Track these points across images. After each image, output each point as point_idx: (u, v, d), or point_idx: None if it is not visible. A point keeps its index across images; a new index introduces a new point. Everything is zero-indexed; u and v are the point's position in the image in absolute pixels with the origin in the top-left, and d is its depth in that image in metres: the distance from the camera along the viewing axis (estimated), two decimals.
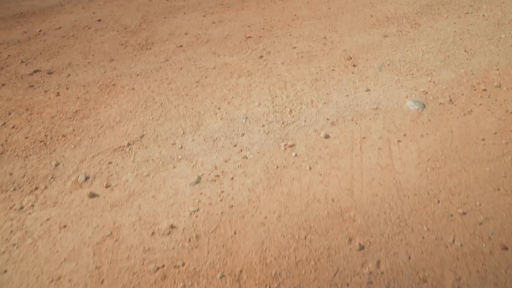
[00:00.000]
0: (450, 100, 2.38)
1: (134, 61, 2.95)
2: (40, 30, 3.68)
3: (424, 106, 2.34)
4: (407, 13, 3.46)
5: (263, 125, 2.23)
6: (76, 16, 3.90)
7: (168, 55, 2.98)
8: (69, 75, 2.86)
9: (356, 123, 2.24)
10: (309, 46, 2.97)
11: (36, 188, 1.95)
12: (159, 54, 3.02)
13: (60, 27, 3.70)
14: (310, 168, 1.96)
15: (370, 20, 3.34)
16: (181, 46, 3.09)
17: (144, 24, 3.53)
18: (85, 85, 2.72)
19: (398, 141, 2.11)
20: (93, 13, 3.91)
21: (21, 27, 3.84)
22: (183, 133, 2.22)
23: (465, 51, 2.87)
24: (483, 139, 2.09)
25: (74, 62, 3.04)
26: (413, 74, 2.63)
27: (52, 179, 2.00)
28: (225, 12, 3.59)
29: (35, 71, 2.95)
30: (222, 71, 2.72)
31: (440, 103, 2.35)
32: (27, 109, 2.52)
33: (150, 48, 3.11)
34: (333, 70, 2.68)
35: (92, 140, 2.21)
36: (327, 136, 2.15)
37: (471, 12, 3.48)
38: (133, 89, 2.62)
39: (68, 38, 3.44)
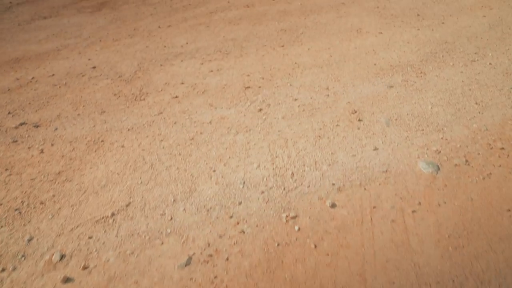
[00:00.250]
0: (466, 160, 2.18)
1: (126, 114, 2.80)
2: (33, 77, 3.58)
3: (438, 168, 2.14)
4: (411, 61, 3.35)
5: (263, 192, 2.02)
6: (71, 63, 3.82)
7: (162, 107, 2.83)
8: (57, 128, 2.70)
9: (365, 188, 2.03)
10: (311, 97, 2.82)
11: (3, 270, 1.71)
12: (153, 105, 2.87)
13: (53, 74, 3.59)
14: (315, 246, 1.73)
15: (374, 68, 3.23)
16: (176, 97, 2.95)
17: (139, 72, 3.42)
18: (72, 140, 2.54)
19: (413, 211, 1.89)
20: (89, 59, 3.83)
21: (15, 73, 3.74)
22: (174, 200, 2.00)
23: (476, 103, 2.72)
24: (509, 210, 1.87)
25: (63, 113, 2.89)
26: (423, 130, 2.45)
27: (23, 258, 1.76)
28: (224, 60, 3.49)
29: (21, 124, 2.79)
30: (218, 126, 2.55)
31: (456, 165, 2.16)
32: (6, 169, 2.32)
33: (144, 99, 2.96)
34: (337, 125, 2.51)
35: (72, 209, 1.99)
36: (333, 205, 1.93)
37: (477, 59, 3.37)
38: (122, 146, 2.44)
39: (60, 87, 3.32)
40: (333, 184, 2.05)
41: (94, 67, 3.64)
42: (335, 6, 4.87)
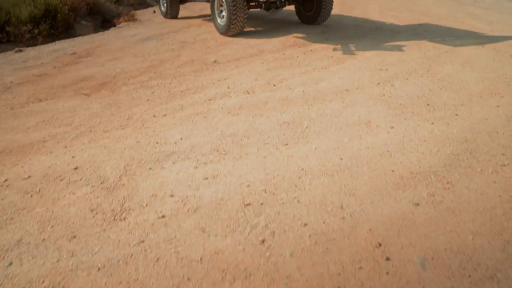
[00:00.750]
0: None
1: (100, 242, 2.30)
2: (6, 180, 3.15)
3: None
4: (433, 166, 2.96)
5: None
6: (53, 160, 3.43)
7: (144, 233, 2.35)
8: (11, 263, 2.18)
9: None
10: (323, 221, 2.35)
11: None
12: (134, 229, 2.39)
13: (29, 176, 3.18)
14: None
15: (392, 177, 2.82)
16: (163, 216, 2.49)
17: (125, 177, 3.01)
18: (25, 286, 2.01)
19: None
20: (72, 157, 3.45)
21: None
22: None
23: None
24: None
25: (26, 238, 2.40)
26: (470, 276, 1.94)
27: None
28: (221, 162, 3.10)
29: None
30: (211, 268, 2.04)
31: None
32: None
33: (124, 219, 2.50)
34: (360, 268, 2.00)
35: None
36: None
37: (507, 163, 2.99)
38: None
39: (31, 196, 2.88)
40: None
41: (76, 168, 3.25)
42: (339, 93, 4.66)
